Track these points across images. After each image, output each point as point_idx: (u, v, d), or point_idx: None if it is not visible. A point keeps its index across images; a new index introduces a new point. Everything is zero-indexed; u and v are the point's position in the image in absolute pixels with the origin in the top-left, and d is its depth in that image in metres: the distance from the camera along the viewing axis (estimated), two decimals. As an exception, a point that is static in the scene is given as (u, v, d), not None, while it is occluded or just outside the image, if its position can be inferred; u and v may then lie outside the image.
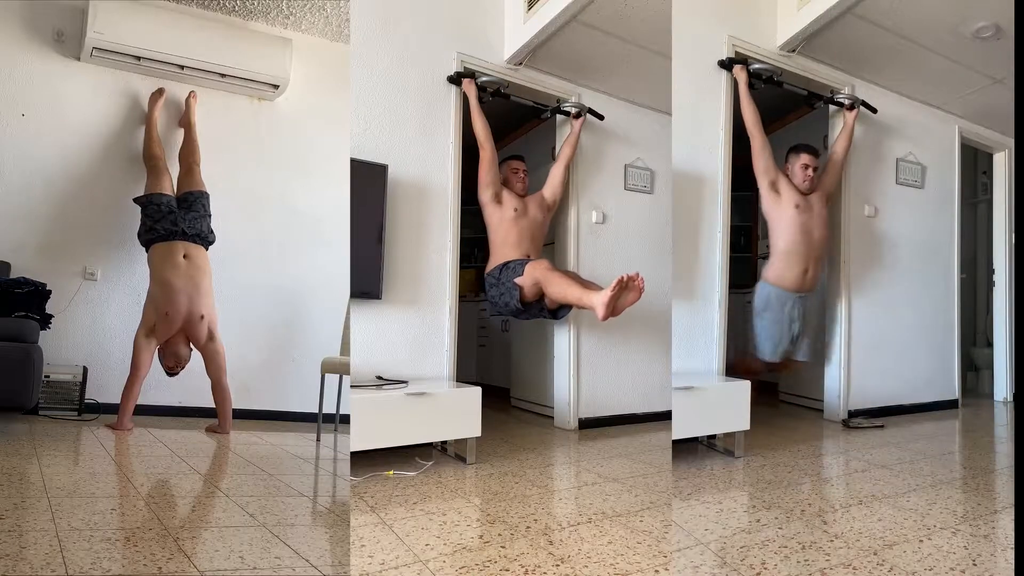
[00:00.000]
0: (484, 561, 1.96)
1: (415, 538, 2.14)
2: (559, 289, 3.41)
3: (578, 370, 4.18)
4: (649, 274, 4.43)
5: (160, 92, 4.57)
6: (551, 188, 4.05)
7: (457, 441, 3.24)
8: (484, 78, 3.84)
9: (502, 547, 2.08)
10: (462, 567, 1.92)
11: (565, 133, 4.22)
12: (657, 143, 4.49)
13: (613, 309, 3.11)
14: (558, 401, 4.23)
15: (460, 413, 3.17)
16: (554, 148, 4.34)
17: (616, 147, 4.41)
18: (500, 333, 5.57)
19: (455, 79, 3.77)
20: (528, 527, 2.27)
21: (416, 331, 3.65)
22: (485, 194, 3.85)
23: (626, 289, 3.09)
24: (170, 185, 4.33)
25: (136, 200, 4.26)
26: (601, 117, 4.23)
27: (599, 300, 3.12)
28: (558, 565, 1.94)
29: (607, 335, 4.29)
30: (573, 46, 3.87)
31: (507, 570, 1.90)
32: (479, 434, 3.17)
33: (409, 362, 3.58)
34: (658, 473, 3.09)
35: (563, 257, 4.21)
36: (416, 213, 3.68)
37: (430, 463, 3.10)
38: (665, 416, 4.22)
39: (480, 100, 3.83)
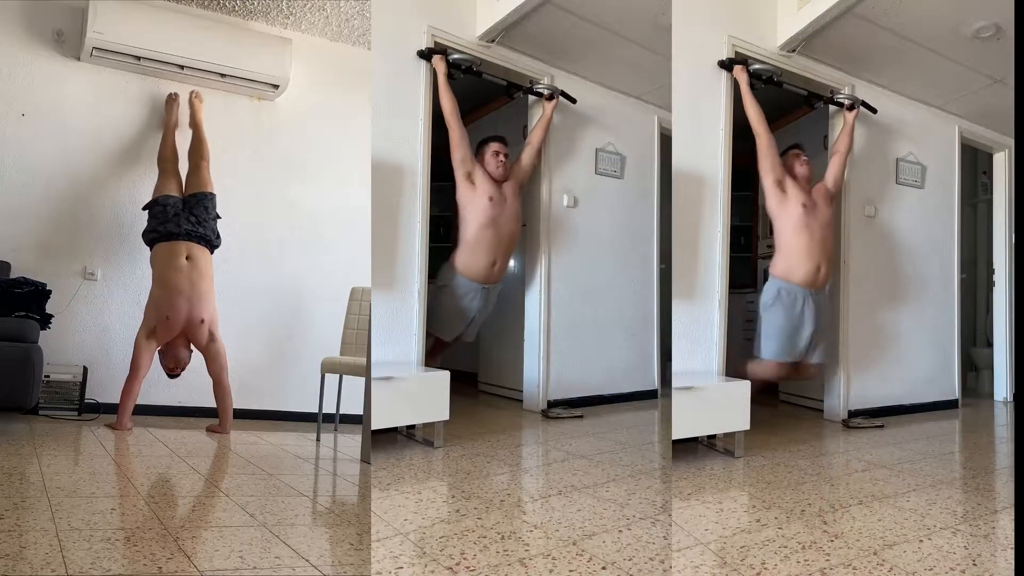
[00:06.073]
0: (462, 531, 2.05)
1: (393, 515, 2.17)
2: None
3: (548, 353, 4.15)
4: (619, 258, 4.49)
5: (175, 97, 4.58)
6: (521, 172, 3.99)
7: (425, 425, 3.20)
8: (455, 55, 3.74)
9: (479, 519, 2.15)
10: (442, 537, 2.00)
11: (536, 113, 4.17)
12: (629, 128, 4.49)
13: None
14: (527, 384, 4.21)
15: (428, 397, 3.13)
16: (525, 127, 4.30)
17: (588, 131, 4.38)
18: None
19: (426, 54, 3.66)
20: (502, 500, 2.35)
21: (383, 314, 3.52)
22: (458, 172, 3.80)
23: None
24: (178, 187, 4.33)
25: (144, 207, 4.26)
26: (574, 100, 4.20)
27: None
28: (532, 531, 2.06)
29: (578, 319, 4.28)
30: (547, 27, 3.84)
31: (484, 537, 1.98)
32: (447, 418, 3.14)
33: (375, 346, 3.51)
34: (623, 449, 3.30)
35: (534, 241, 4.19)
36: (383, 192, 3.56)
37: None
38: (632, 397, 4.32)
39: (451, 76, 3.73)
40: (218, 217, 4.34)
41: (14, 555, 1.77)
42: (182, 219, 4.17)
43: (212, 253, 4.27)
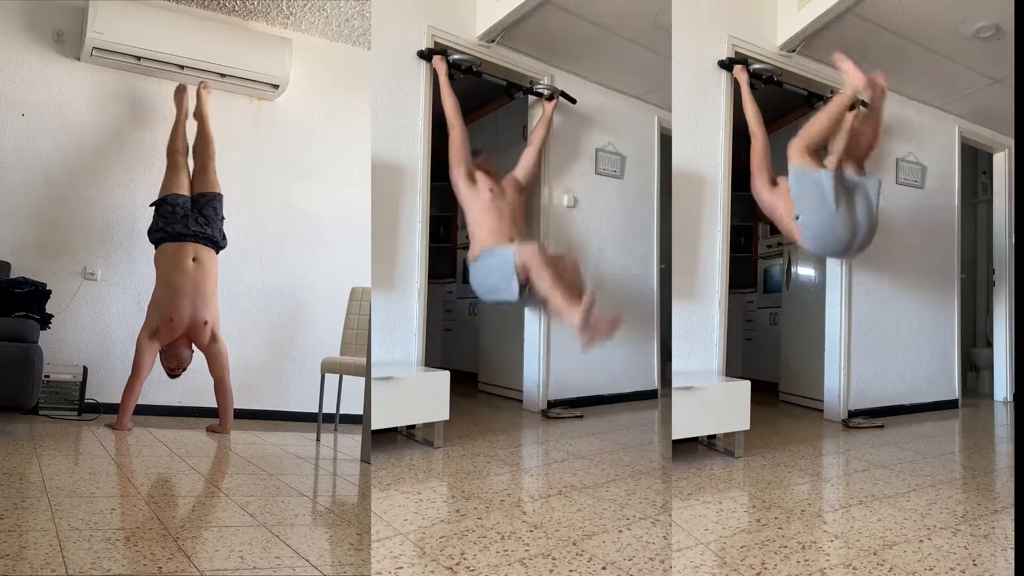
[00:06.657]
0: (462, 531, 2.05)
1: (393, 515, 2.18)
2: (545, 287, 3.44)
3: (548, 353, 4.14)
4: (621, 258, 4.48)
5: (184, 88, 4.56)
6: (524, 170, 3.97)
7: (425, 425, 3.20)
8: (456, 56, 3.74)
9: (479, 519, 2.15)
10: (442, 537, 2.00)
11: (536, 113, 4.18)
12: (628, 128, 4.49)
13: (591, 337, 3.22)
14: (527, 384, 4.20)
15: (428, 397, 3.14)
16: (525, 127, 4.30)
17: (588, 131, 4.38)
18: (467, 316, 5.45)
19: (426, 55, 3.66)
20: (502, 500, 2.35)
21: (383, 314, 3.52)
22: (457, 173, 3.76)
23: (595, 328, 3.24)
24: (187, 183, 4.32)
25: (152, 204, 4.26)
26: (573, 101, 4.20)
27: (577, 319, 3.24)
28: (532, 531, 2.05)
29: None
30: (547, 27, 3.85)
31: (484, 537, 1.99)
32: (447, 418, 3.14)
33: (376, 346, 3.51)
34: (623, 449, 3.31)
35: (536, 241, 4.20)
36: (384, 191, 3.55)
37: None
38: (632, 397, 4.32)
39: (451, 77, 3.73)
40: (223, 219, 4.34)
41: (14, 555, 1.77)
42: (191, 220, 4.17)
43: (217, 254, 4.27)
